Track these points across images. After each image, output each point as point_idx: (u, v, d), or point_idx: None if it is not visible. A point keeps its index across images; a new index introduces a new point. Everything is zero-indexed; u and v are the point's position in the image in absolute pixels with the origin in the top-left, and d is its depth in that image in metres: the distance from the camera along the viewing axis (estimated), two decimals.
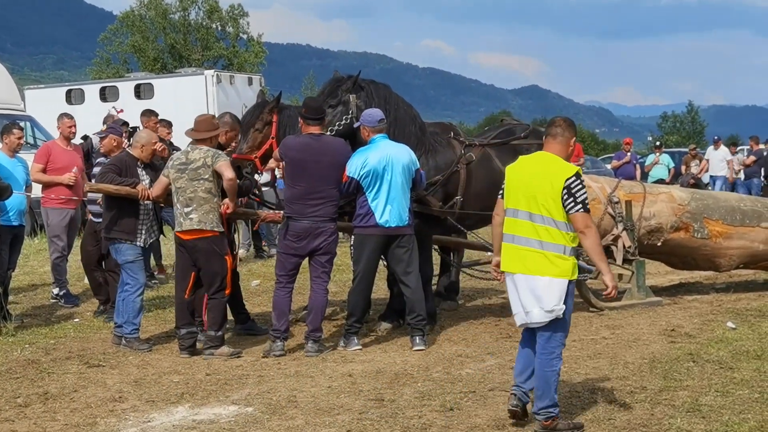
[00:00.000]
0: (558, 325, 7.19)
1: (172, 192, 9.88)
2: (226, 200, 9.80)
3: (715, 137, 31.18)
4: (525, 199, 7.16)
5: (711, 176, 29.67)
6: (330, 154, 9.93)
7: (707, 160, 29.90)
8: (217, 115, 11.29)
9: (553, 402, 7.12)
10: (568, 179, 7.05)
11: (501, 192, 7.45)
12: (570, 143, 7.36)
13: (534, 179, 7.18)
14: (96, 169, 11.77)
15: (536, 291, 7.10)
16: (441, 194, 10.93)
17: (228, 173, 9.62)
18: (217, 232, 9.78)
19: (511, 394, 7.32)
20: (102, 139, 12.15)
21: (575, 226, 7.09)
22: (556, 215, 7.06)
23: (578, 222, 7.07)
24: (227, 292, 9.97)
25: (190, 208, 9.72)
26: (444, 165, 11.00)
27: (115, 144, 11.79)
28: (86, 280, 14.01)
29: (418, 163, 10.26)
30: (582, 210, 7.05)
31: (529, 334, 7.36)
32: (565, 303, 7.16)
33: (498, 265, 7.47)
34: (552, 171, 7.15)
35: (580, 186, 7.08)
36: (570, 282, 7.17)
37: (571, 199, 7.03)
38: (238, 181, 9.95)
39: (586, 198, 7.09)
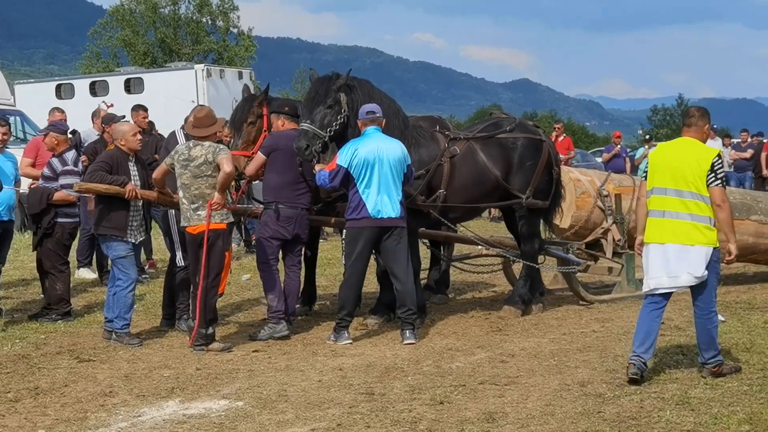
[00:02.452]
0: (711, 287, 8.31)
1: (178, 186, 9.85)
2: (215, 194, 9.75)
3: (714, 126, 29.91)
4: (673, 179, 8.22)
5: None
6: None
7: None
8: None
9: (718, 350, 8.33)
10: (713, 159, 8.18)
11: (644, 175, 8.56)
12: (704, 129, 8.48)
13: (682, 161, 8.24)
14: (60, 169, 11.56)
15: (688, 258, 8.15)
16: (425, 187, 10.92)
17: (227, 167, 9.58)
18: (224, 224, 9.79)
19: (630, 363, 8.20)
20: (44, 136, 12.00)
21: (713, 199, 8.16)
22: (703, 191, 8.15)
23: (716, 195, 8.16)
24: (220, 289, 9.96)
25: (197, 205, 9.71)
26: (428, 158, 10.99)
27: (56, 142, 11.61)
28: (76, 274, 14.03)
29: (410, 158, 10.29)
30: (720, 185, 8.19)
31: (655, 305, 8.40)
32: (712, 268, 8.22)
33: (642, 244, 8.50)
34: (698, 153, 8.26)
35: (721, 165, 8.25)
36: (715, 249, 8.22)
37: (713, 175, 8.16)
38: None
39: (724, 175, 8.30)
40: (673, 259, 8.19)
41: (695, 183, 8.15)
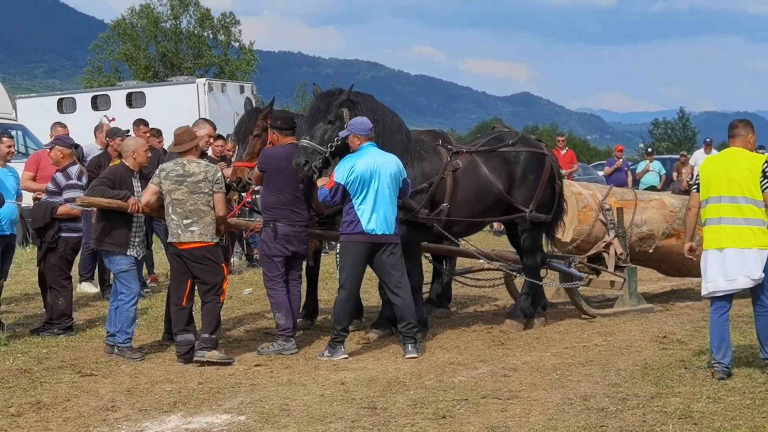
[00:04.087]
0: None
1: (166, 203, 9.90)
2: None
3: (707, 139, 28.31)
4: (728, 186, 8.76)
5: None
6: None
7: (692, 167, 26.85)
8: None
9: None
10: (763, 165, 8.72)
11: (696, 187, 9.08)
12: (749, 138, 8.99)
13: (734, 169, 8.78)
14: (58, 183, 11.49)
15: (745, 261, 8.67)
16: (428, 201, 10.92)
17: (221, 211, 9.93)
18: (214, 242, 9.89)
19: (714, 370, 8.79)
20: (50, 150, 11.95)
21: (767, 202, 8.68)
22: (756, 195, 8.69)
23: None
24: (222, 298, 10.01)
25: (190, 221, 9.78)
26: (430, 172, 11.00)
27: (61, 156, 11.60)
28: (78, 288, 14.03)
29: (405, 172, 10.30)
30: None
31: (720, 310, 8.93)
32: (765, 271, 8.71)
33: (691, 250, 9.17)
34: (748, 160, 8.82)
35: None
36: None
37: (766, 180, 8.68)
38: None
39: None
40: (731, 262, 8.71)
41: (749, 188, 8.69)
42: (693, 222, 9.23)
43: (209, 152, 12.69)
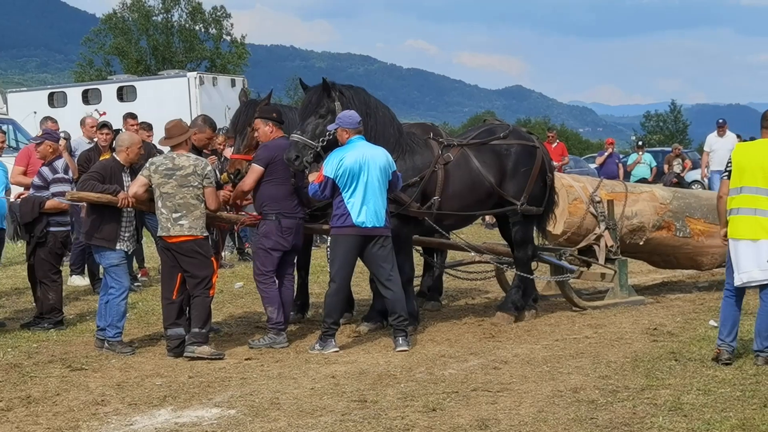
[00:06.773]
0: None
1: (156, 196, 9.89)
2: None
3: (720, 120, 25.06)
4: (764, 178, 8.80)
5: (715, 171, 23.06)
6: None
7: (707, 152, 24.64)
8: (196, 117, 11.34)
9: None
10: None
11: (726, 174, 9.10)
12: None
13: None
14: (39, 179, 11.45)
15: None
16: (419, 195, 10.90)
17: (212, 204, 9.96)
18: (203, 236, 9.86)
19: (722, 350, 9.00)
20: (38, 145, 11.90)
21: None
22: None
23: None
24: (212, 292, 10.00)
25: (179, 214, 9.76)
26: (422, 165, 10.98)
27: (50, 150, 11.57)
28: (69, 281, 14.01)
29: (395, 165, 10.29)
30: None
31: (735, 296, 9.11)
32: None
33: (726, 236, 9.09)
34: None
35: None
36: None
37: None
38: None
39: None
40: (766, 252, 8.79)
41: None
42: (725, 209, 9.15)
43: None
